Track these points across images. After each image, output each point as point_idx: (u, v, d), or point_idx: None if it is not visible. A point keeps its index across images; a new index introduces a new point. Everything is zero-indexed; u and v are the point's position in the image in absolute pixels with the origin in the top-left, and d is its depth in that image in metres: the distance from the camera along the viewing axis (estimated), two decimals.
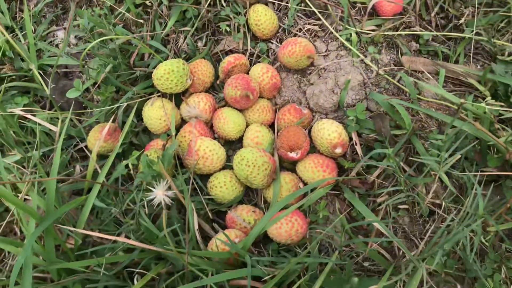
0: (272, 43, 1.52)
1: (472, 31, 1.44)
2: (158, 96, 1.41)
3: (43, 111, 1.39)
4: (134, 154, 1.29)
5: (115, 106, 1.35)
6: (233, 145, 1.44)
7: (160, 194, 0.92)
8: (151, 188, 0.94)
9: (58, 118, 1.36)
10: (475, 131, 1.23)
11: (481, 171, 1.26)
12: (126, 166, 1.30)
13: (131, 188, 1.26)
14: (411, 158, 1.26)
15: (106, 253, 1.20)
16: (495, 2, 1.46)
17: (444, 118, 1.26)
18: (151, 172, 1.22)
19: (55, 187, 1.17)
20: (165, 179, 1.16)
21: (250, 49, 1.51)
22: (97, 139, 1.33)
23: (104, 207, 1.18)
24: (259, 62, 1.50)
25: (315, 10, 1.46)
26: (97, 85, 1.35)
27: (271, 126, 1.43)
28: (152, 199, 0.94)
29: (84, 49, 1.32)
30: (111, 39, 1.36)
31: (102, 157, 1.40)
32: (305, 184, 1.33)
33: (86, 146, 1.44)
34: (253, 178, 1.25)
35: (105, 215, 1.26)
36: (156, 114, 1.36)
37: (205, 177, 1.35)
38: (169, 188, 1.02)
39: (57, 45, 1.58)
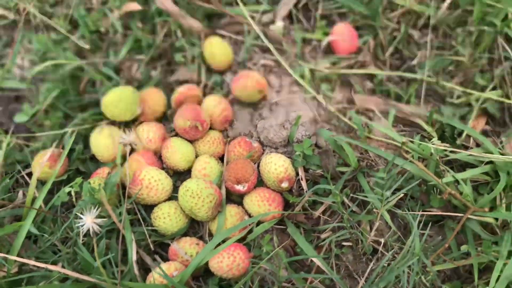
0: (226, 76, 1.53)
1: (425, 72, 1.48)
2: (107, 123, 1.39)
3: None
4: (78, 181, 1.26)
5: (61, 131, 1.33)
6: (182, 176, 1.42)
7: (89, 221, 0.90)
8: (79, 215, 0.92)
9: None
10: (418, 171, 1.24)
11: (424, 211, 1.28)
12: (69, 193, 1.27)
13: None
14: (352, 195, 1.26)
15: (41, 281, 1.16)
16: (446, 45, 1.51)
17: (387, 157, 1.27)
18: (92, 200, 1.19)
19: None
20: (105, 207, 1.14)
21: (204, 80, 1.52)
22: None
23: (38, 233, 1.15)
24: (212, 94, 1.51)
25: (270, 46, 1.48)
26: (42, 109, 1.33)
27: (222, 158, 1.42)
28: (81, 226, 0.91)
29: (34, 73, 1.31)
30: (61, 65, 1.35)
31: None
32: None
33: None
34: (197, 210, 1.23)
35: (42, 242, 1.22)
36: (104, 142, 1.34)
37: (150, 208, 1.33)
38: (99, 215, 1.00)
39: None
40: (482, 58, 1.43)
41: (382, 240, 1.28)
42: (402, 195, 1.21)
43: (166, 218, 1.26)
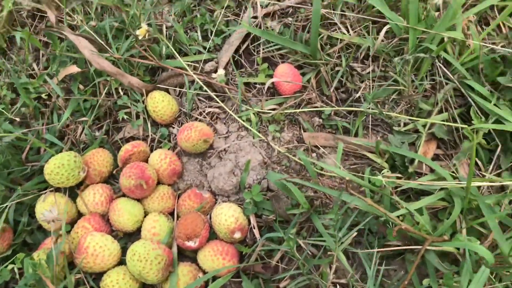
0: (173, 127, 1.51)
1: (369, 104, 1.47)
2: (51, 191, 1.36)
3: None
4: (19, 256, 1.21)
5: (3, 205, 1.29)
6: (132, 237, 1.38)
7: None
8: None
9: None
10: (368, 207, 1.21)
11: (384, 245, 1.24)
12: (12, 270, 1.22)
13: None
14: (303, 241, 1.22)
15: None
16: (387, 75, 1.51)
17: (335, 195, 1.24)
18: (35, 276, 1.14)
19: None
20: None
21: (151, 135, 1.49)
22: None
23: None
24: (160, 147, 1.48)
25: (212, 95, 1.47)
26: None
27: (173, 213, 1.38)
28: None
29: None
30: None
31: None
32: (205, 274, 1.26)
33: None
34: (146, 273, 1.18)
35: None
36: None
37: (100, 275, 1.27)
38: None
39: None
40: (423, 84, 1.43)
41: (344, 281, 1.24)
42: (358, 231, 1.17)
43: (115, 285, 1.20)
